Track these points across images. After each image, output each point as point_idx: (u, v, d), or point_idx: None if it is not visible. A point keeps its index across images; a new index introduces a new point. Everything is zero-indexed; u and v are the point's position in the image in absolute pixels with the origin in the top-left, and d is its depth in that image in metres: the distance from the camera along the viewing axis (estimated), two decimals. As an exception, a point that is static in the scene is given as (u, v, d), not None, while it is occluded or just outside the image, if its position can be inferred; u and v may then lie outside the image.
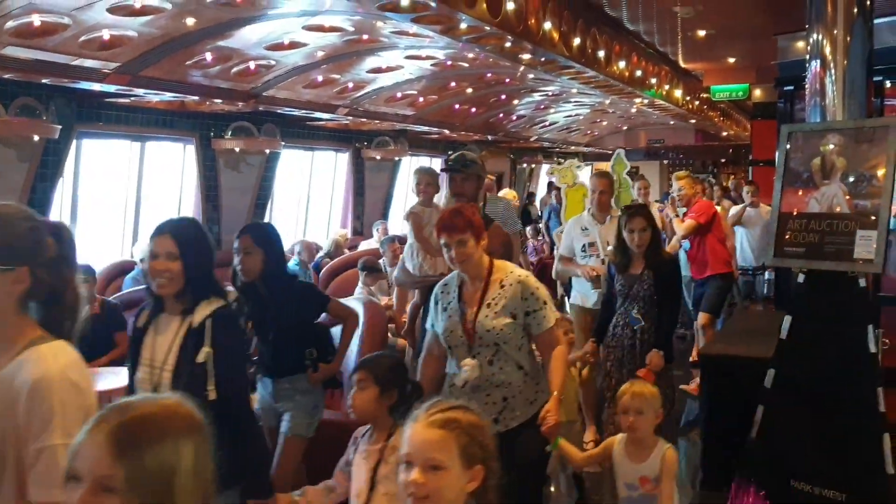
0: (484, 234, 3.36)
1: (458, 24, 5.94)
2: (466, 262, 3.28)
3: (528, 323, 3.32)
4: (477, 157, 4.68)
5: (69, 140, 6.84)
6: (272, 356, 3.94)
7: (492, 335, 3.29)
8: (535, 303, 3.32)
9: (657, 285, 4.58)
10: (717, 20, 8.64)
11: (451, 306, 3.41)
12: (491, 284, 3.36)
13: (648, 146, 21.01)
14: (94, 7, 5.05)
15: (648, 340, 4.54)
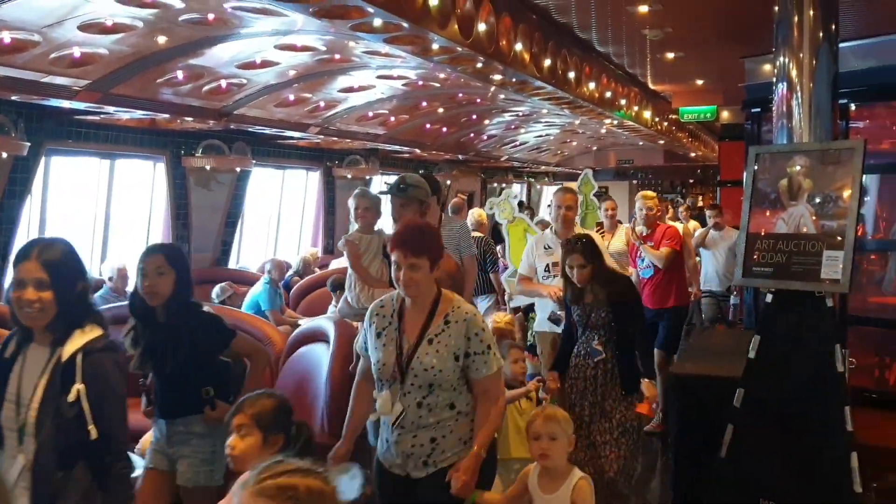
0: (440, 260, 3.10)
1: (430, 44, 5.97)
2: (415, 287, 3.02)
3: (467, 365, 3.03)
4: (420, 180, 4.39)
5: (38, 157, 6.76)
6: (166, 394, 3.56)
7: (428, 375, 3.01)
8: (478, 345, 3.04)
9: (615, 312, 4.43)
10: (685, 43, 8.78)
11: (388, 334, 3.11)
12: (435, 317, 3.07)
13: (618, 166, 21.23)
14: (65, 24, 5.01)
15: (612, 370, 4.40)
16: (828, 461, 3.70)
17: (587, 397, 4.42)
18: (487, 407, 3.06)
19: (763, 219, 4.15)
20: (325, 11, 4.95)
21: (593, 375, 4.42)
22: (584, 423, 4.39)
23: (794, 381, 3.85)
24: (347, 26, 5.31)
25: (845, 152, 3.97)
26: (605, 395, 4.37)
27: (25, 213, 6.95)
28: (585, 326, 4.49)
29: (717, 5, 7.14)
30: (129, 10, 5.02)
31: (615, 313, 4.42)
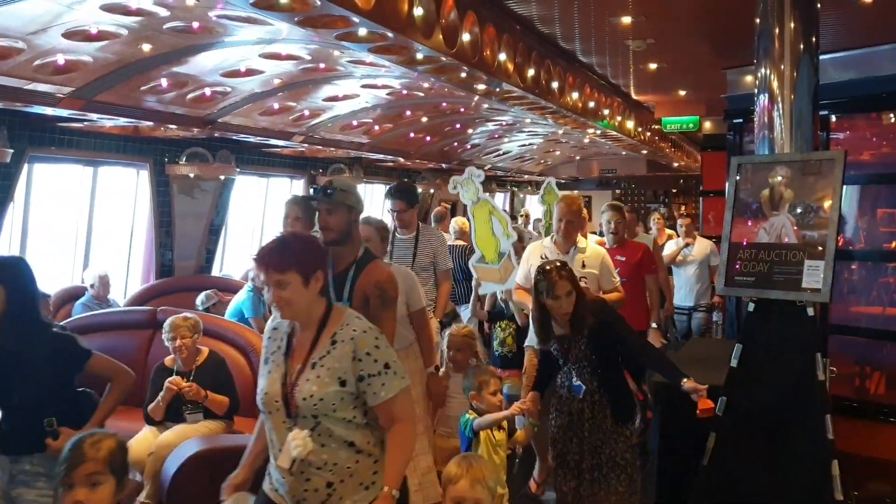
0: (320, 271, 2.73)
1: (414, 54, 5.99)
2: (286, 307, 2.67)
3: (363, 390, 2.66)
4: (350, 185, 3.99)
5: (21, 164, 6.70)
6: (11, 427, 3.18)
7: (308, 405, 2.62)
8: (372, 365, 2.65)
9: (596, 342, 4.05)
10: (667, 54, 8.85)
11: (275, 359, 2.78)
12: (322, 337, 2.71)
13: (601, 176, 21.35)
14: (49, 32, 4.98)
15: (600, 402, 4.06)
16: (809, 469, 3.73)
17: (574, 433, 4.09)
18: (394, 437, 2.69)
19: (745, 228, 4.20)
20: (310, 20, 4.95)
21: (579, 409, 4.09)
22: (572, 462, 4.10)
23: (775, 389, 3.89)
24: (332, 35, 5.31)
25: (826, 163, 4.02)
26: (594, 430, 4.05)
27: (7, 220, 6.89)
28: (566, 360, 4.15)
29: (699, 17, 7.20)
30: (113, 17, 4.99)
31: (596, 343, 4.06)
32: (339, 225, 3.73)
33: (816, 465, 3.70)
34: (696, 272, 8.35)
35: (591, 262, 5.32)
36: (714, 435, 3.95)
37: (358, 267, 3.73)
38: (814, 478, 3.71)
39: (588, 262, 5.31)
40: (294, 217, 4.32)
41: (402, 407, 2.69)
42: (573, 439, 4.08)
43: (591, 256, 5.35)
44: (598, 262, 5.34)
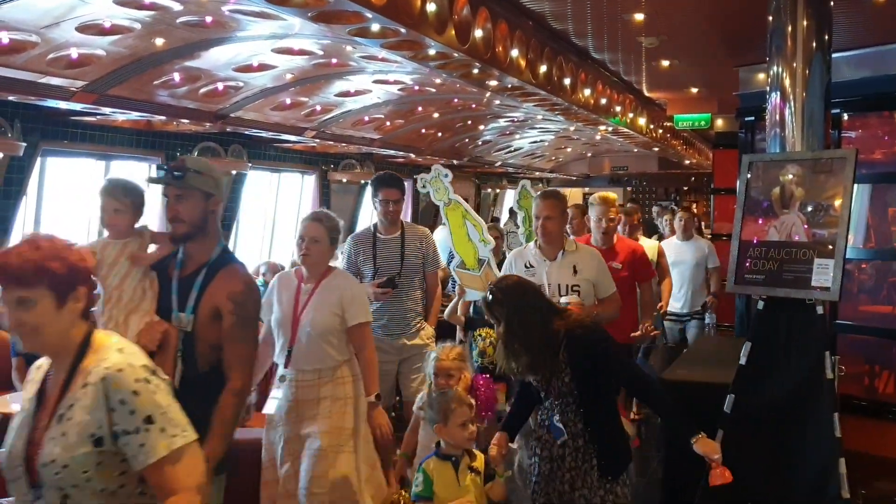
0: (82, 288, 2.07)
1: (426, 49, 6.00)
2: (31, 336, 2.01)
3: (120, 450, 1.97)
4: (207, 165, 3.25)
5: (34, 157, 6.76)
6: None
7: (49, 474, 1.95)
8: (127, 418, 1.94)
9: (583, 376, 3.27)
10: (680, 51, 8.82)
11: (27, 408, 2.10)
12: (75, 379, 2.01)
13: (612, 173, 21.31)
14: (63, 25, 5.02)
15: (584, 447, 3.29)
16: (816, 467, 3.73)
17: (554, 485, 3.33)
18: None
19: (755, 226, 4.19)
20: (323, 16, 4.96)
21: (560, 456, 3.33)
22: None
23: (784, 387, 3.88)
24: (345, 31, 5.33)
25: (837, 161, 4.01)
26: (576, 483, 3.28)
27: (20, 213, 6.95)
28: (546, 394, 3.39)
29: (711, 15, 7.18)
30: (127, 11, 5.03)
31: (582, 375, 3.28)
32: (192, 215, 3.08)
33: (824, 464, 3.70)
34: (692, 272, 7.43)
35: (585, 266, 4.51)
36: (721, 433, 3.95)
37: (210, 271, 3.08)
38: (821, 476, 3.71)
39: (581, 266, 4.50)
40: (114, 210, 3.22)
41: (174, 474, 1.97)
42: (554, 490, 3.33)
43: (584, 259, 4.54)
44: (593, 266, 4.54)
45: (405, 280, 5.00)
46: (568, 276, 4.45)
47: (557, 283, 4.44)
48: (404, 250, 5.03)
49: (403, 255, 5.02)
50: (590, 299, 4.46)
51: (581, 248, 4.66)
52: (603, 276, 4.57)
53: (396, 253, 5.03)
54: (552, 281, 4.44)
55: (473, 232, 5.20)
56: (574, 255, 4.54)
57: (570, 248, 4.57)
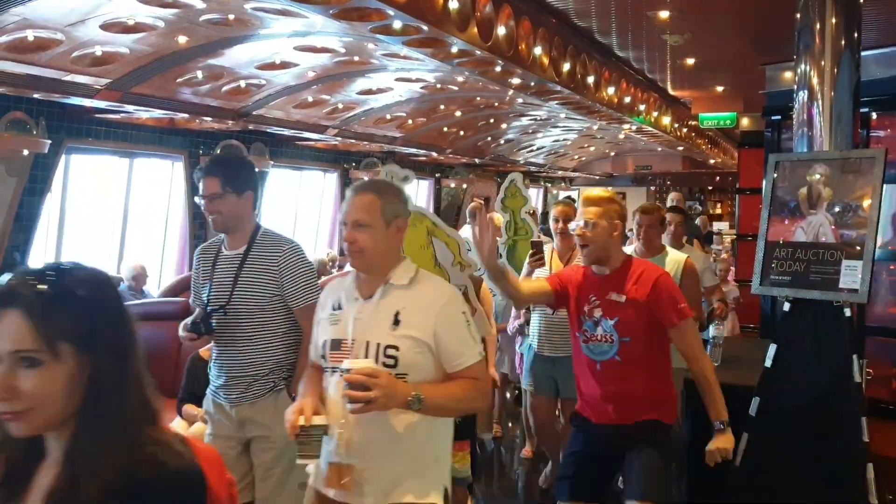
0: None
1: (448, 47, 5.97)
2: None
3: None
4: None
5: (58, 155, 6.82)
6: None
7: None
8: None
9: None
10: (705, 49, 8.73)
11: None
12: None
13: (636, 172, 21.18)
14: (88, 23, 5.05)
15: None
16: (843, 472, 3.66)
17: None
18: None
19: (782, 227, 4.12)
20: (345, 13, 4.96)
21: None
22: None
23: (810, 390, 3.82)
24: (367, 28, 5.32)
25: (866, 161, 3.93)
26: None
27: (45, 210, 7.01)
28: None
29: (738, 12, 7.09)
30: (150, 9, 5.06)
31: None
32: None
33: (851, 469, 3.63)
34: None
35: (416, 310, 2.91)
36: (747, 436, 3.88)
37: None
38: (849, 481, 3.64)
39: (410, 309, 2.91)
40: None
41: None
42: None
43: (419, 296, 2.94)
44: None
45: (238, 318, 3.30)
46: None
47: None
48: (240, 273, 3.36)
49: (237, 281, 3.34)
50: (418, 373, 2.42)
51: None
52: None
53: (231, 277, 3.37)
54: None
55: (444, 252, 3.68)
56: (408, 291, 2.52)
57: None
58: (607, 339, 3.20)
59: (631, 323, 3.16)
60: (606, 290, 3.22)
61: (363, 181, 2.58)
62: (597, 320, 3.22)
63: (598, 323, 3.22)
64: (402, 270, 2.47)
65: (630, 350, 3.16)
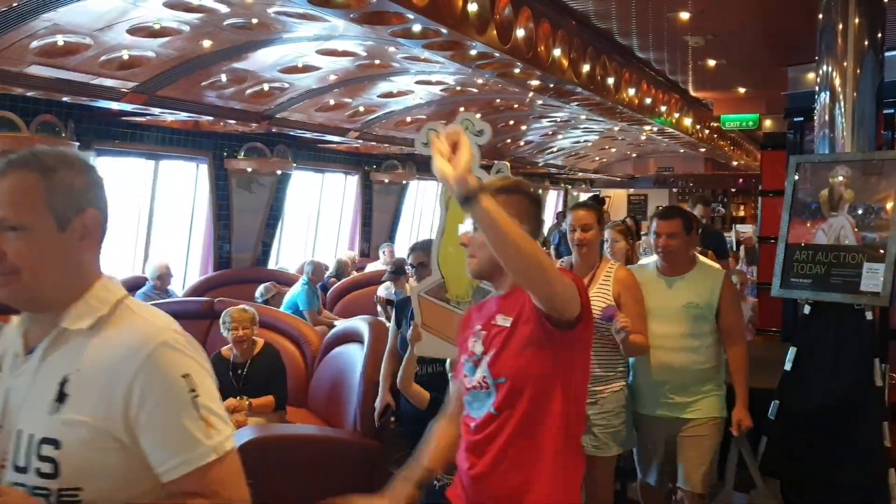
0: None
1: (468, 50, 6.00)
2: None
3: None
4: None
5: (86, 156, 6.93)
6: None
7: None
8: None
9: None
10: (727, 50, 8.69)
11: None
12: None
13: (658, 174, 21.07)
14: (115, 28, 5.14)
15: None
16: (864, 477, 3.65)
17: None
18: None
19: (803, 229, 4.11)
20: (365, 17, 5.00)
21: None
22: None
23: (831, 394, 3.80)
24: (387, 32, 5.36)
25: (889, 163, 3.92)
26: None
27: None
28: None
29: (760, 13, 7.06)
30: (176, 14, 5.13)
31: None
32: None
33: (872, 474, 3.62)
34: None
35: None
36: (766, 439, 3.88)
37: None
38: (869, 486, 3.63)
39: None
40: None
41: None
42: None
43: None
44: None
45: None
46: None
47: None
48: None
49: None
50: None
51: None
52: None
53: None
54: None
55: None
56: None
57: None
58: (483, 384, 2.12)
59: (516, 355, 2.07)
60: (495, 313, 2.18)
61: (19, 153, 1.46)
62: (478, 358, 2.15)
63: (478, 362, 2.15)
64: (84, 306, 1.45)
65: (510, 399, 2.06)
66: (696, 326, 3.60)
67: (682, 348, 3.60)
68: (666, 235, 3.66)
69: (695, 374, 3.60)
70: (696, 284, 3.66)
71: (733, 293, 3.75)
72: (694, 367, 3.59)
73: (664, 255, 3.70)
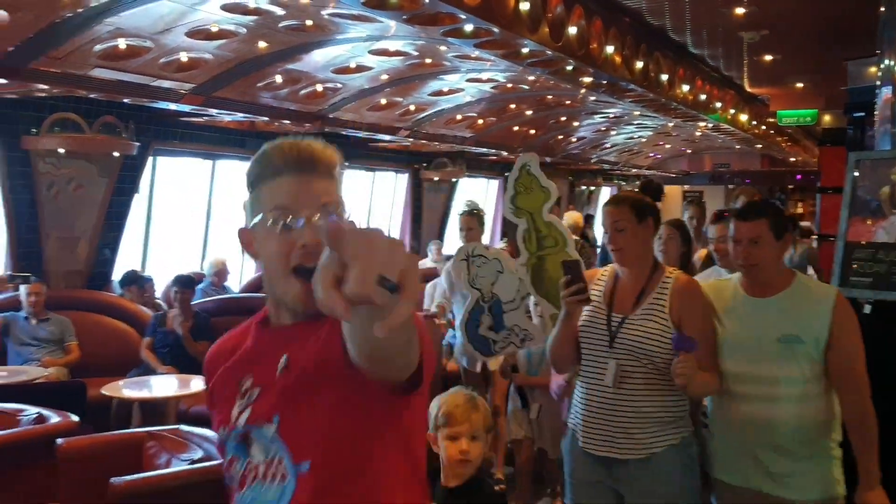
0: None
1: (520, 49, 6.01)
2: None
3: None
4: None
5: (146, 156, 7.12)
6: None
7: None
8: None
9: None
10: (784, 45, 8.54)
11: None
12: None
13: (713, 171, 20.75)
14: (174, 31, 5.28)
15: None
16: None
17: None
18: None
19: (863, 227, 4.03)
20: (418, 18, 5.04)
21: None
22: None
23: (891, 395, 3.72)
24: (439, 32, 5.40)
25: (952, 159, 3.82)
26: None
27: (133, 209, 7.32)
28: None
29: (817, 6, 6.92)
30: (232, 17, 5.24)
31: None
32: None
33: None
34: None
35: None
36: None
37: None
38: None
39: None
40: None
41: None
42: None
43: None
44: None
45: None
46: None
47: None
48: None
49: None
50: None
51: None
52: None
53: None
54: None
55: None
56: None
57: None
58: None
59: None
60: None
61: None
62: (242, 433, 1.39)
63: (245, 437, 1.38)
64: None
65: None
66: (797, 367, 2.60)
67: (777, 397, 2.61)
68: (748, 241, 2.65)
69: (797, 433, 2.60)
70: (796, 308, 2.64)
71: (849, 320, 2.66)
72: (795, 423, 2.60)
73: (747, 269, 2.69)
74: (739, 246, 2.65)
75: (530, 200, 3.45)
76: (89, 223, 6.71)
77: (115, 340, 6.25)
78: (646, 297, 2.69)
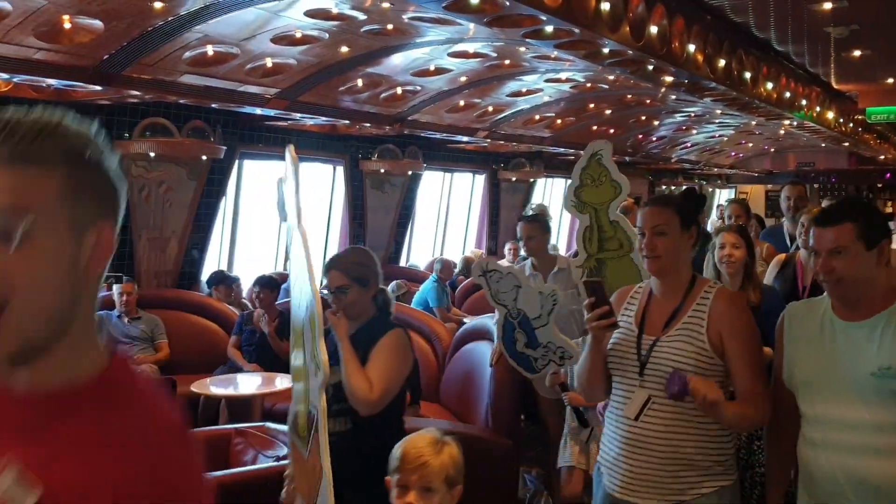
0: None
1: (600, 49, 5.98)
2: None
3: None
4: None
5: (232, 160, 7.36)
6: None
7: None
8: None
9: None
10: (873, 40, 8.25)
11: None
12: None
13: (798, 169, 20.12)
14: (259, 37, 5.44)
15: None
16: None
17: None
18: None
19: (957, 227, 3.87)
20: (498, 20, 5.07)
21: None
22: None
23: None
24: (519, 34, 5.42)
25: None
26: None
27: (220, 211, 7.57)
28: None
29: (911, -1, 6.68)
30: (316, 22, 5.37)
31: None
32: None
33: None
34: None
35: None
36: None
37: None
38: None
39: None
40: None
41: None
42: None
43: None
44: None
45: None
46: None
47: None
48: None
49: None
50: None
51: None
52: None
53: None
54: None
55: None
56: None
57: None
58: None
59: None
60: None
61: None
62: None
63: None
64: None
65: None
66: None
67: (873, 448, 2.07)
68: (829, 253, 2.13)
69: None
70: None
71: None
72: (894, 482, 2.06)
73: (831, 286, 2.17)
74: (820, 258, 2.14)
75: (598, 194, 3.20)
76: (178, 224, 6.95)
77: (202, 339, 6.40)
78: (681, 316, 2.33)
